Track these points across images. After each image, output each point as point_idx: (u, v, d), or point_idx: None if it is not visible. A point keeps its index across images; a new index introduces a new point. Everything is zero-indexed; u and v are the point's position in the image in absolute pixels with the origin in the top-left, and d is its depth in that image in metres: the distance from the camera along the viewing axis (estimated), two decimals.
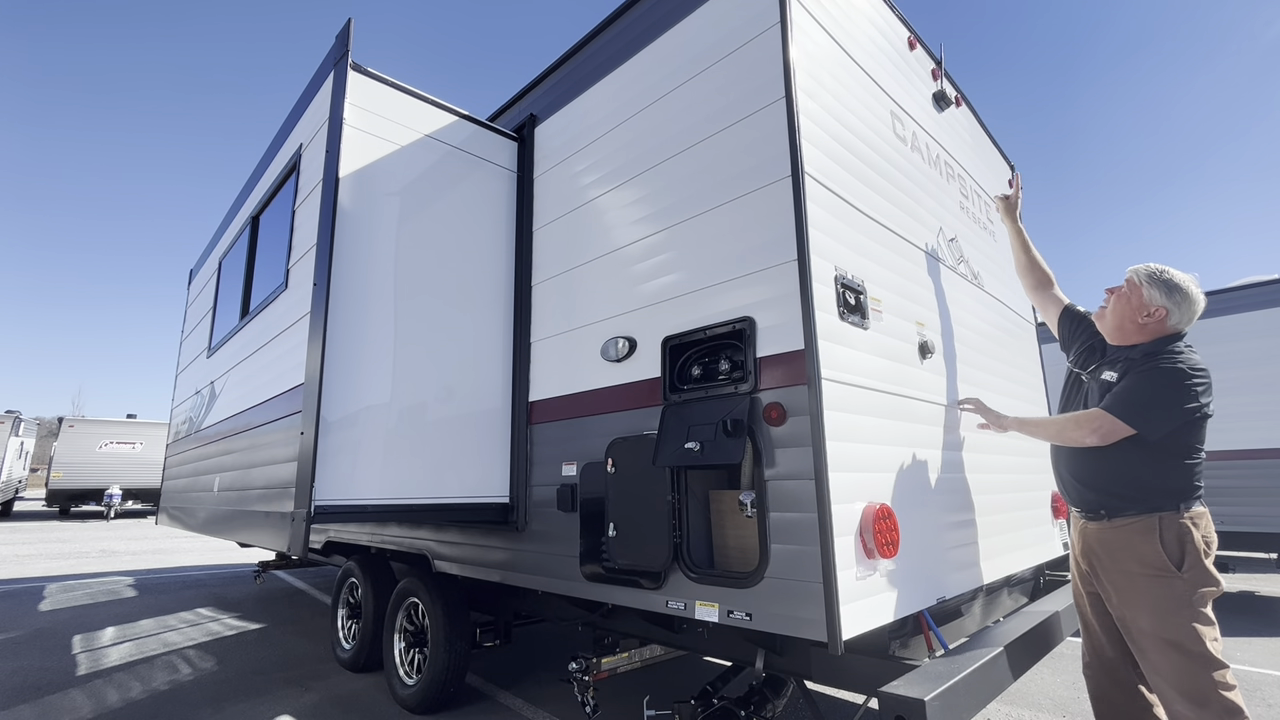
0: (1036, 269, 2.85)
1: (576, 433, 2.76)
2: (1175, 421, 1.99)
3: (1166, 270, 2.15)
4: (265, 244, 3.81)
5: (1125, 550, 2.06)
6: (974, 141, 3.64)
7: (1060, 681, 3.99)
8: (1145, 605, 1.99)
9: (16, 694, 3.76)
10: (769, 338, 2.08)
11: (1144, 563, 2.01)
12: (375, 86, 2.94)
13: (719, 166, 2.33)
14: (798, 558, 1.89)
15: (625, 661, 2.87)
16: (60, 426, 17.69)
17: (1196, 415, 2.00)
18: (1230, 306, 6.23)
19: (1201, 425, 2.04)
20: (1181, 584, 1.95)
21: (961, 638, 2.49)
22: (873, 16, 2.77)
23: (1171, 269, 2.15)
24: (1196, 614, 1.92)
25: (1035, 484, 3.45)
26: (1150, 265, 2.17)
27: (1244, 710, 1.86)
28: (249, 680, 4.00)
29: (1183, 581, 1.95)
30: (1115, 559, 2.09)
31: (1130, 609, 2.04)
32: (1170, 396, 1.99)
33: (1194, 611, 1.93)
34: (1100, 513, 2.14)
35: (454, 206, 3.16)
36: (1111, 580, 2.11)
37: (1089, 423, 2.09)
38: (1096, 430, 2.06)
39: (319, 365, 2.50)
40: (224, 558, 9.79)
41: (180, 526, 5.25)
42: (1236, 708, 1.85)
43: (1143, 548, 2.02)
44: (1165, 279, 2.12)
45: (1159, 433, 2.00)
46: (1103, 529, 2.14)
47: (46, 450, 24.43)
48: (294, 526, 2.47)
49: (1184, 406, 1.98)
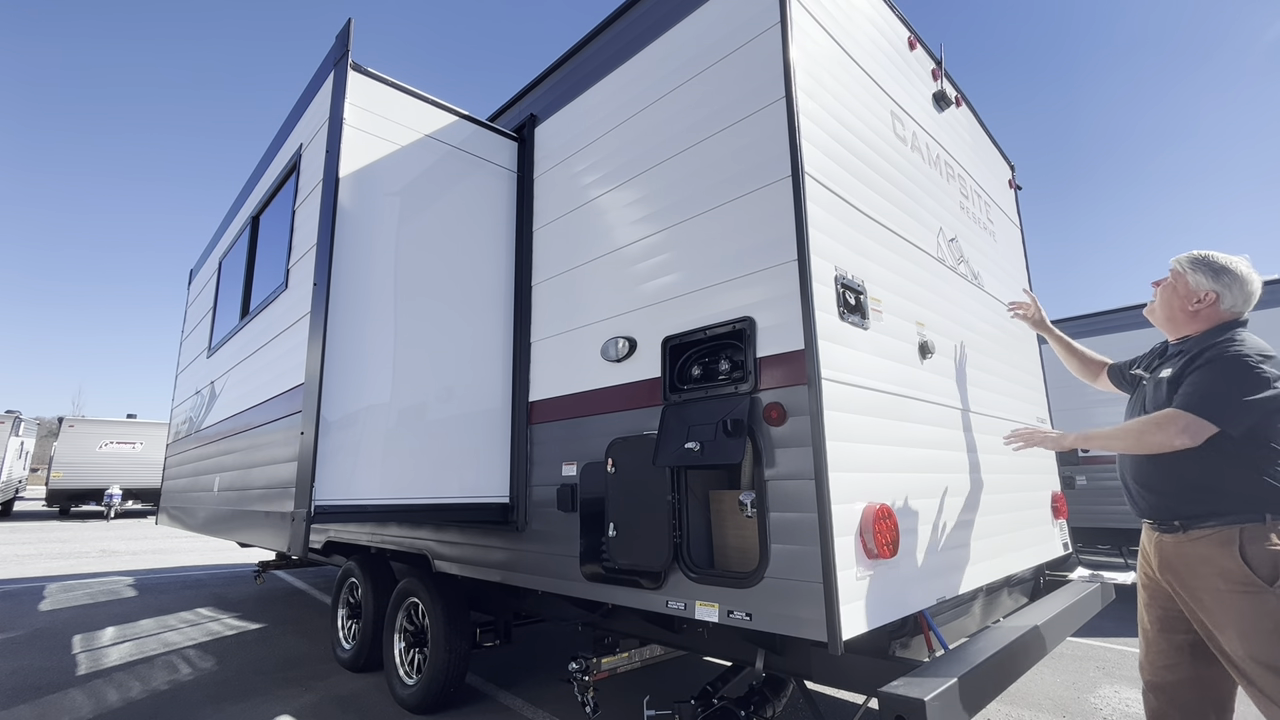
0: (1090, 363, 2.64)
1: (576, 433, 2.76)
2: (1255, 412, 1.78)
3: (1210, 254, 2.00)
4: (265, 244, 3.81)
5: (1206, 564, 1.86)
6: (974, 141, 3.64)
7: (1060, 681, 3.99)
8: (1233, 625, 1.79)
9: (16, 694, 3.76)
10: (769, 338, 2.08)
11: (1227, 578, 1.80)
12: (375, 86, 2.94)
13: (719, 166, 2.33)
14: (798, 558, 1.89)
15: (625, 661, 2.87)
16: (60, 426, 17.69)
17: (1274, 405, 1.78)
18: None
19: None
20: (1273, 599, 1.74)
21: (961, 638, 2.49)
22: (873, 16, 2.77)
23: (1217, 253, 2.00)
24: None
25: (1035, 484, 3.45)
26: (1193, 251, 2.04)
27: None
28: (249, 680, 4.00)
29: (1275, 597, 1.74)
30: (1198, 575, 1.88)
31: (1219, 630, 1.83)
32: (1243, 384, 1.79)
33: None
34: (1175, 524, 1.94)
35: (454, 206, 3.16)
36: (1197, 598, 1.89)
37: (1171, 424, 1.85)
38: (1185, 429, 1.83)
39: (319, 365, 2.50)
40: (224, 558, 9.79)
41: (180, 526, 5.25)
42: None
43: (1224, 561, 1.82)
44: (1210, 261, 1.98)
45: (1242, 425, 1.79)
46: (1179, 542, 1.93)
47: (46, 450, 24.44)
48: (294, 526, 2.47)
49: (1261, 395, 1.77)
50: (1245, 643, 1.76)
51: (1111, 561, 8.40)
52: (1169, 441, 1.86)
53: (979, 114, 3.73)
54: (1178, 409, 1.86)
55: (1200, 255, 2.02)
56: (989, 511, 2.82)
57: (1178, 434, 1.84)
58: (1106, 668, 4.25)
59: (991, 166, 3.89)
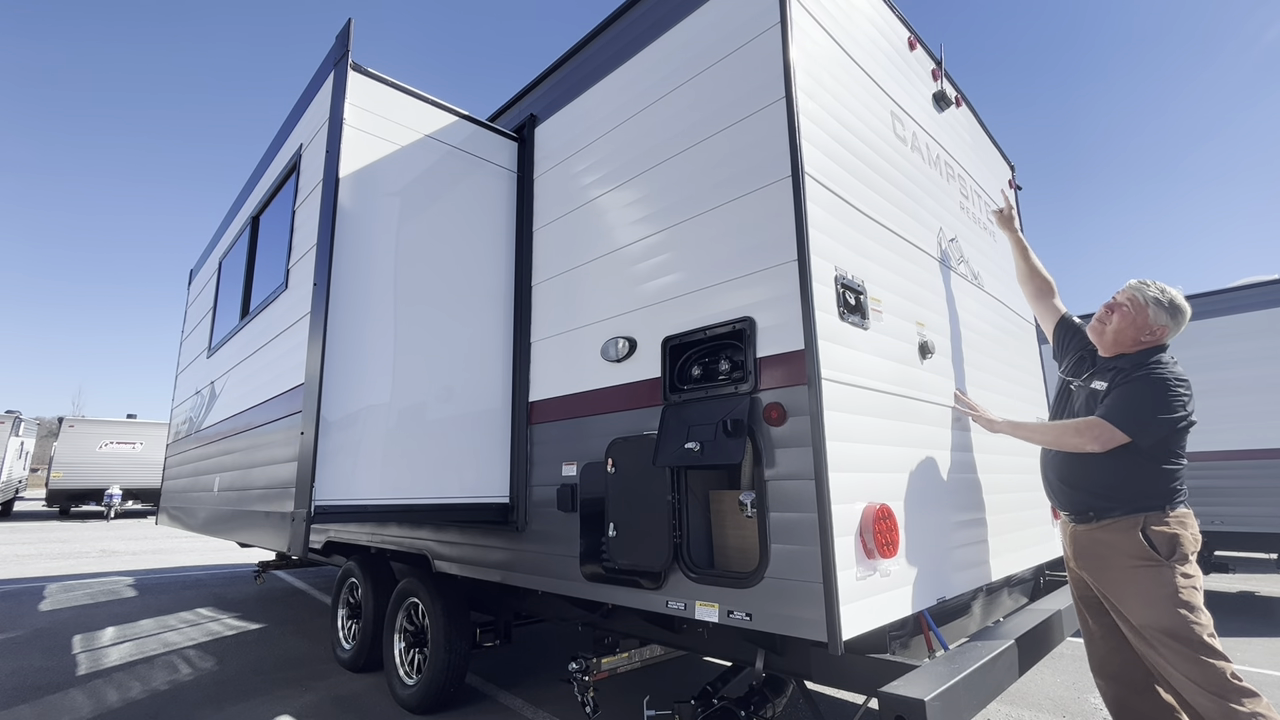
0: (1037, 276, 2.91)
1: (576, 433, 2.76)
2: (1165, 429, 2.09)
3: (1167, 291, 2.24)
4: (265, 244, 3.81)
5: (1113, 546, 2.14)
6: (974, 141, 3.64)
7: (1060, 681, 3.99)
8: (1137, 595, 2.06)
9: (16, 694, 3.76)
10: (769, 338, 2.08)
11: (1130, 554, 2.09)
12: (375, 87, 2.94)
13: (719, 166, 2.33)
14: (798, 558, 1.89)
15: (625, 661, 2.87)
16: (60, 426, 17.70)
17: (1182, 424, 2.10)
18: (1230, 306, 6.23)
19: (1185, 433, 2.14)
20: (1169, 572, 2.02)
21: (961, 638, 2.49)
22: (873, 17, 2.77)
23: (1168, 288, 2.25)
24: (1188, 604, 1.97)
25: (1035, 484, 3.43)
26: (1148, 287, 2.26)
27: (1260, 694, 1.86)
28: (249, 680, 4.00)
29: (1170, 570, 2.02)
30: (1104, 557, 2.17)
31: (1125, 603, 2.10)
32: (1161, 406, 2.09)
33: (1185, 601, 1.97)
34: (1089, 515, 2.22)
35: (454, 206, 3.16)
36: (1104, 579, 2.17)
37: (1089, 430, 2.16)
38: (1097, 438, 2.14)
39: (319, 365, 2.50)
40: (224, 558, 9.79)
41: (180, 526, 5.25)
42: (1254, 691, 1.87)
43: (1129, 543, 2.10)
44: (1170, 302, 2.22)
45: (1151, 439, 2.09)
46: (1091, 530, 2.22)
47: (46, 450, 24.43)
48: (294, 526, 2.47)
49: (1173, 415, 2.08)
50: (1147, 610, 2.02)
51: None
52: (1082, 445, 2.18)
53: (979, 114, 3.73)
54: (1099, 418, 2.15)
55: (1159, 293, 2.24)
56: (989, 512, 2.82)
57: (1091, 440, 2.15)
58: None
59: (991, 167, 3.89)
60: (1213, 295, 6.36)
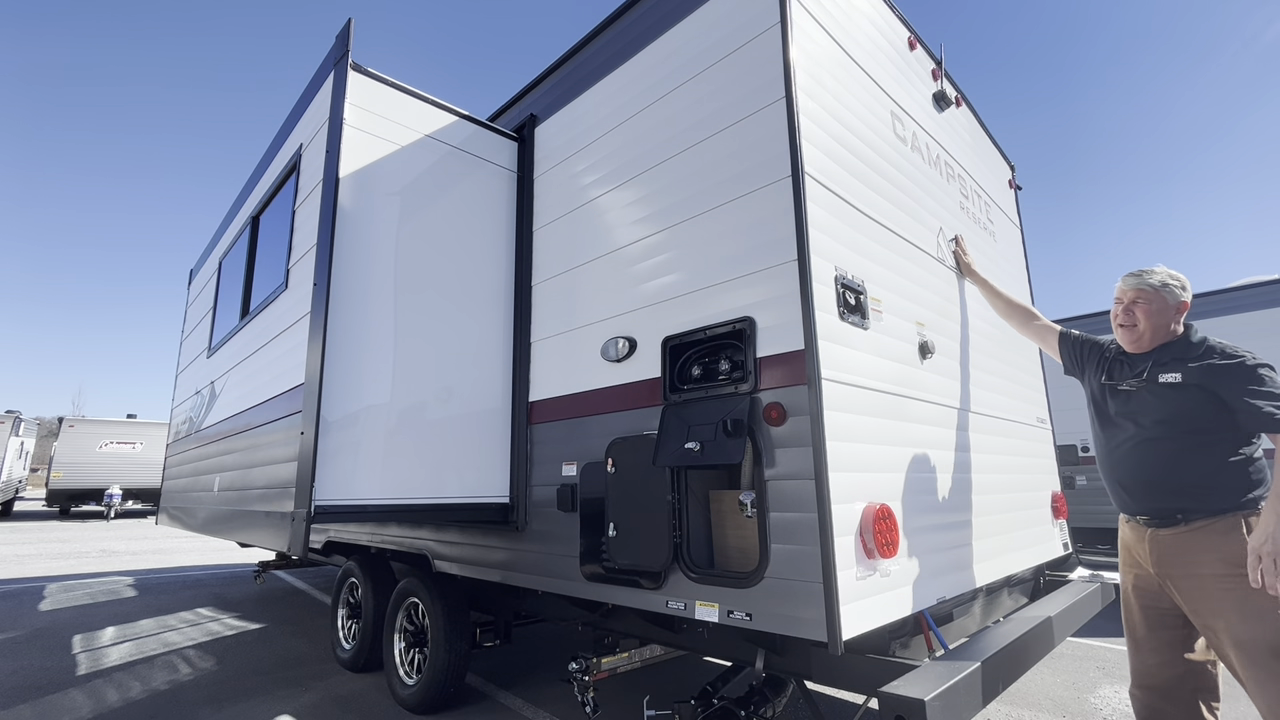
0: (1015, 308, 2.91)
1: (576, 433, 2.76)
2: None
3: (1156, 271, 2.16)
4: (265, 244, 3.81)
5: (1208, 552, 1.92)
6: (974, 141, 3.64)
7: (1060, 681, 3.99)
8: (1235, 607, 1.84)
9: (16, 694, 3.76)
10: (769, 338, 2.08)
11: (1230, 561, 1.87)
12: (375, 86, 2.94)
13: (719, 167, 2.33)
14: (798, 558, 1.89)
15: (625, 661, 2.87)
16: (60, 426, 17.69)
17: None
18: (1230, 306, 6.23)
19: None
20: None
21: (961, 638, 2.49)
22: (873, 16, 2.77)
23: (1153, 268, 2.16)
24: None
25: (1035, 484, 3.45)
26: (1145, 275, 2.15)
27: None
28: (249, 680, 4.00)
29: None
30: (1200, 563, 1.94)
31: (1222, 615, 1.88)
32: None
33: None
34: (1176, 517, 2.01)
35: (454, 206, 3.16)
36: (1191, 587, 1.95)
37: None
38: None
39: (319, 365, 2.50)
40: (224, 558, 9.79)
41: (180, 526, 5.25)
42: None
43: (1229, 546, 1.88)
44: (1170, 277, 2.13)
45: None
46: (1179, 534, 2.00)
47: (46, 450, 24.43)
48: (294, 526, 2.47)
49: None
50: (1247, 624, 1.82)
51: (1111, 561, 8.39)
52: None
53: (979, 114, 3.73)
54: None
55: (1161, 275, 2.14)
56: (989, 511, 2.82)
57: None
58: (1106, 668, 4.25)
59: (991, 167, 3.89)
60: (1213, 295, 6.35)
